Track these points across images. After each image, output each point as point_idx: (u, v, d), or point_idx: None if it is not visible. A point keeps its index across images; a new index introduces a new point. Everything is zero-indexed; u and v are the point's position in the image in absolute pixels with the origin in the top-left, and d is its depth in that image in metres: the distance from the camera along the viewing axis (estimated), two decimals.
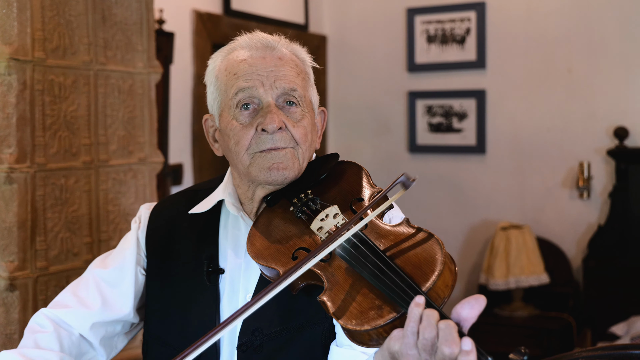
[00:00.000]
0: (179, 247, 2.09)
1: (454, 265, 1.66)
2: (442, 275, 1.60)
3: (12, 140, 2.85)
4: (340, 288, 1.67)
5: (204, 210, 2.11)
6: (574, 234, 5.77)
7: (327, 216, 1.83)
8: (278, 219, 1.93)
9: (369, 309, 1.60)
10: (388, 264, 1.63)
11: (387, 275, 1.61)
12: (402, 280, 1.58)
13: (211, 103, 2.07)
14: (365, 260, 1.66)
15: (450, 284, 1.63)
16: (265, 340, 1.89)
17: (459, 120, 6.04)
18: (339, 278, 1.69)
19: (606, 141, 5.60)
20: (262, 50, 2.00)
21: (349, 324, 1.59)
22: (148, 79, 3.41)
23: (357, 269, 1.66)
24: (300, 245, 1.82)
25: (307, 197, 1.92)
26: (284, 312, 1.87)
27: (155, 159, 3.44)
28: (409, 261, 1.66)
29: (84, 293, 2.10)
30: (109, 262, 2.14)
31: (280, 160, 1.94)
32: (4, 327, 2.86)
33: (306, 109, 2.01)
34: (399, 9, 6.26)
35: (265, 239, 1.88)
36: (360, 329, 1.57)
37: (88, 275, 2.14)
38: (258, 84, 1.95)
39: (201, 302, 2.00)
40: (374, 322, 1.56)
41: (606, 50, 5.60)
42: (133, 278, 2.12)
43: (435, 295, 1.59)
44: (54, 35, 3.00)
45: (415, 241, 1.72)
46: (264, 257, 1.84)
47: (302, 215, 1.89)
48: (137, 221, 2.19)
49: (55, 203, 3.00)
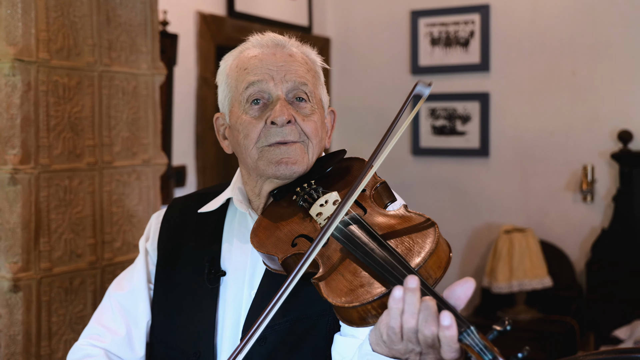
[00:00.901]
0: (185, 249, 2.11)
1: (448, 249, 1.67)
2: (434, 255, 1.61)
3: (16, 141, 2.84)
4: (333, 269, 1.68)
5: (212, 209, 2.12)
6: (578, 238, 5.76)
7: (326, 202, 1.85)
8: (282, 210, 1.95)
9: (359, 286, 1.60)
10: (381, 243, 1.65)
11: (378, 253, 1.62)
12: (393, 257, 1.59)
13: (222, 101, 2.09)
14: (359, 240, 1.67)
15: (443, 265, 1.63)
16: (269, 332, 1.89)
17: (463, 123, 6.03)
18: (333, 260, 1.70)
19: (610, 144, 5.59)
20: (272, 48, 2.03)
21: (338, 301, 1.60)
22: (152, 80, 3.41)
23: (351, 249, 1.68)
24: (301, 232, 1.84)
25: (310, 187, 1.93)
26: (288, 304, 1.87)
27: (159, 161, 3.43)
28: (401, 241, 1.68)
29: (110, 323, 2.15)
30: (125, 285, 2.19)
31: (289, 155, 1.94)
32: (7, 328, 2.85)
33: (316, 106, 2.02)
34: (403, 11, 6.25)
35: (268, 230, 1.90)
36: (349, 306, 1.57)
37: (107, 303, 2.19)
38: (268, 78, 1.96)
39: (202, 304, 2.01)
40: (363, 297, 1.57)
41: (610, 54, 5.59)
42: (146, 302, 2.16)
43: (427, 275, 1.60)
44: (59, 36, 3.00)
45: (410, 223, 1.73)
46: (265, 245, 1.86)
47: (303, 203, 1.90)
48: (147, 238, 2.22)
49: (59, 204, 3.00)
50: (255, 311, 1.92)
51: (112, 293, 2.18)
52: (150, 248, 2.18)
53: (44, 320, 2.94)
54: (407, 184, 6.20)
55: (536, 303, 5.65)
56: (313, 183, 1.95)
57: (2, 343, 2.86)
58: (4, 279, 2.85)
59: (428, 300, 1.48)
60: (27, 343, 2.88)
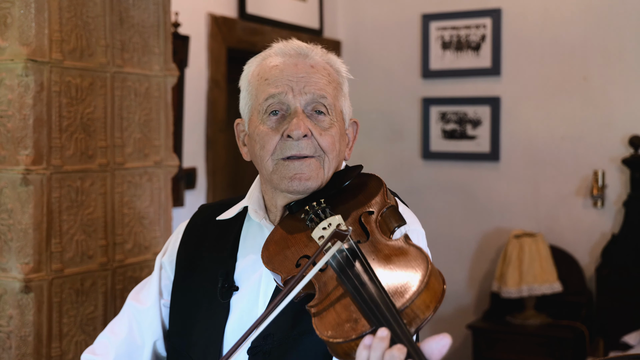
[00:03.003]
0: (203, 258, 2.10)
1: (441, 285, 1.62)
2: (421, 294, 1.56)
3: (28, 141, 2.84)
4: (326, 298, 1.66)
5: (229, 216, 2.11)
6: (588, 243, 5.74)
7: (329, 225, 1.82)
8: (295, 225, 1.92)
9: (345, 321, 1.58)
10: (371, 278, 1.61)
11: (366, 289, 1.59)
12: (379, 297, 1.56)
13: (243, 107, 2.06)
14: (351, 273, 1.64)
15: (434, 305, 1.58)
16: (275, 345, 1.88)
17: (473, 127, 6.02)
18: (328, 288, 1.68)
19: (621, 150, 5.57)
20: (295, 57, 2.00)
21: (325, 334, 1.58)
22: (164, 82, 3.40)
23: (343, 281, 1.65)
24: (305, 253, 1.81)
25: (319, 206, 1.90)
26: (294, 318, 1.87)
27: (170, 163, 3.43)
28: (391, 278, 1.63)
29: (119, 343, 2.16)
30: (142, 297, 2.19)
31: (302, 170, 1.92)
32: (18, 329, 2.85)
33: (335, 118, 1.99)
34: (414, 15, 6.24)
35: (278, 245, 1.88)
36: (333, 341, 1.56)
37: (124, 315, 2.20)
38: (288, 90, 1.93)
39: (213, 317, 2.01)
40: (347, 334, 1.55)
41: (622, 59, 5.58)
42: (158, 319, 2.16)
43: (413, 314, 1.56)
44: (72, 37, 3.00)
45: (404, 258, 1.68)
46: (272, 262, 1.84)
47: (310, 223, 1.87)
48: (164, 252, 2.22)
49: (70, 205, 3.00)
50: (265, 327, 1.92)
51: (129, 302, 2.20)
52: (167, 261, 2.18)
53: (54, 322, 2.94)
54: (417, 188, 6.19)
55: (546, 308, 5.63)
56: (322, 202, 1.92)
57: (13, 344, 2.85)
58: (15, 280, 2.85)
59: (395, 350, 1.46)
60: (38, 344, 2.88)
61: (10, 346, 2.86)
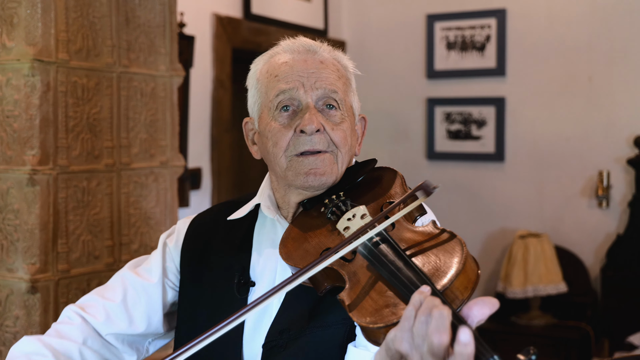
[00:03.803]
0: (214, 257, 2.08)
1: (476, 268, 1.63)
2: (460, 276, 1.57)
3: (35, 142, 2.84)
4: (359, 286, 1.65)
5: (241, 215, 2.09)
6: (593, 243, 5.73)
7: (354, 216, 1.81)
8: (311, 221, 1.92)
9: (384, 307, 1.57)
10: (407, 263, 1.61)
11: (404, 273, 1.58)
12: (419, 279, 1.55)
13: (251, 106, 2.05)
14: (385, 259, 1.63)
15: (471, 285, 1.59)
16: (290, 339, 1.87)
17: (478, 127, 6.01)
18: (359, 277, 1.67)
19: (626, 150, 5.56)
20: (303, 54, 1.99)
21: (363, 320, 1.57)
22: (170, 82, 3.40)
23: (377, 268, 1.64)
24: (328, 246, 1.80)
25: (339, 199, 1.89)
26: (310, 312, 1.86)
27: (176, 163, 3.42)
28: (428, 261, 1.64)
29: (111, 306, 2.09)
30: (141, 271, 2.14)
31: (317, 165, 1.91)
32: (25, 329, 2.84)
33: (346, 113, 1.99)
34: (418, 15, 6.23)
35: (296, 241, 1.87)
36: (373, 326, 1.55)
37: (117, 284, 2.12)
38: (298, 85, 1.93)
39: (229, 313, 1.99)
40: (387, 319, 1.54)
41: (627, 59, 5.57)
42: (160, 297, 2.11)
43: (453, 296, 1.56)
44: (78, 37, 2.99)
45: (437, 242, 1.70)
46: (292, 257, 1.82)
47: (331, 216, 1.87)
48: (170, 234, 2.18)
49: (77, 206, 2.99)
50: (280, 321, 1.90)
51: (126, 272, 2.14)
52: (173, 247, 2.15)
53: None
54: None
55: (551, 309, 5.63)
56: (342, 195, 1.91)
57: None
58: (22, 280, 2.84)
59: (444, 309, 1.42)
60: None
61: None
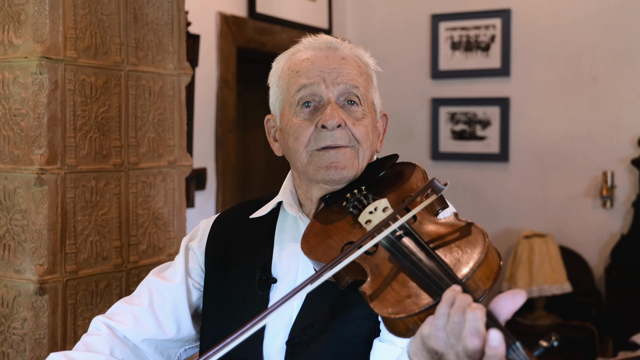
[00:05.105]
0: (237, 255, 2.08)
1: (498, 259, 1.63)
2: (482, 266, 1.58)
3: (42, 141, 2.80)
4: (381, 278, 1.65)
5: (263, 213, 2.09)
6: (597, 243, 5.73)
7: (375, 209, 1.80)
8: (333, 216, 1.91)
9: (406, 297, 1.57)
10: (429, 254, 1.61)
11: (426, 264, 1.58)
12: (441, 269, 1.56)
13: (273, 103, 2.06)
14: (407, 250, 1.63)
15: (493, 276, 1.59)
16: (314, 335, 1.87)
17: (483, 127, 5.99)
18: (381, 269, 1.67)
19: (630, 150, 5.56)
20: (325, 50, 2.00)
21: (385, 311, 1.57)
22: (178, 80, 3.36)
23: (399, 259, 1.64)
24: (350, 240, 1.80)
25: (360, 193, 1.89)
26: (333, 308, 1.86)
27: (184, 162, 3.39)
28: (450, 251, 1.64)
29: (139, 311, 2.11)
30: (165, 275, 2.15)
31: (338, 159, 1.91)
32: (33, 331, 2.81)
33: (367, 110, 1.99)
34: (423, 15, 6.22)
35: (319, 235, 1.86)
36: (395, 317, 1.54)
37: (142, 290, 2.14)
38: (320, 81, 1.93)
39: (252, 310, 1.98)
40: (410, 309, 1.54)
41: (631, 60, 5.57)
42: (185, 297, 2.12)
43: (475, 286, 1.56)
44: (86, 34, 2.96)
45: (460, 233, 1.69)
46: (315, 252, 1.82)
47: (353, 210, 1.86)
48: (193, 237, 2.19)
49: (85, 206, 2.95)
50: (303, 317, 1.89)
51: (151, 278, 2.16)
52: (196, 248, 2.15)
53: (69, 324, 2.90)
54: None
55: (555, 308, 5.63)
56: (364, 189, 1.91)
57: (27, 347, 2.81)
58: (29, 282, 2.81)
59: (478, 310, 1.43)
60: (53, 347, 2.83)
61: (25, 349, 2.82)
